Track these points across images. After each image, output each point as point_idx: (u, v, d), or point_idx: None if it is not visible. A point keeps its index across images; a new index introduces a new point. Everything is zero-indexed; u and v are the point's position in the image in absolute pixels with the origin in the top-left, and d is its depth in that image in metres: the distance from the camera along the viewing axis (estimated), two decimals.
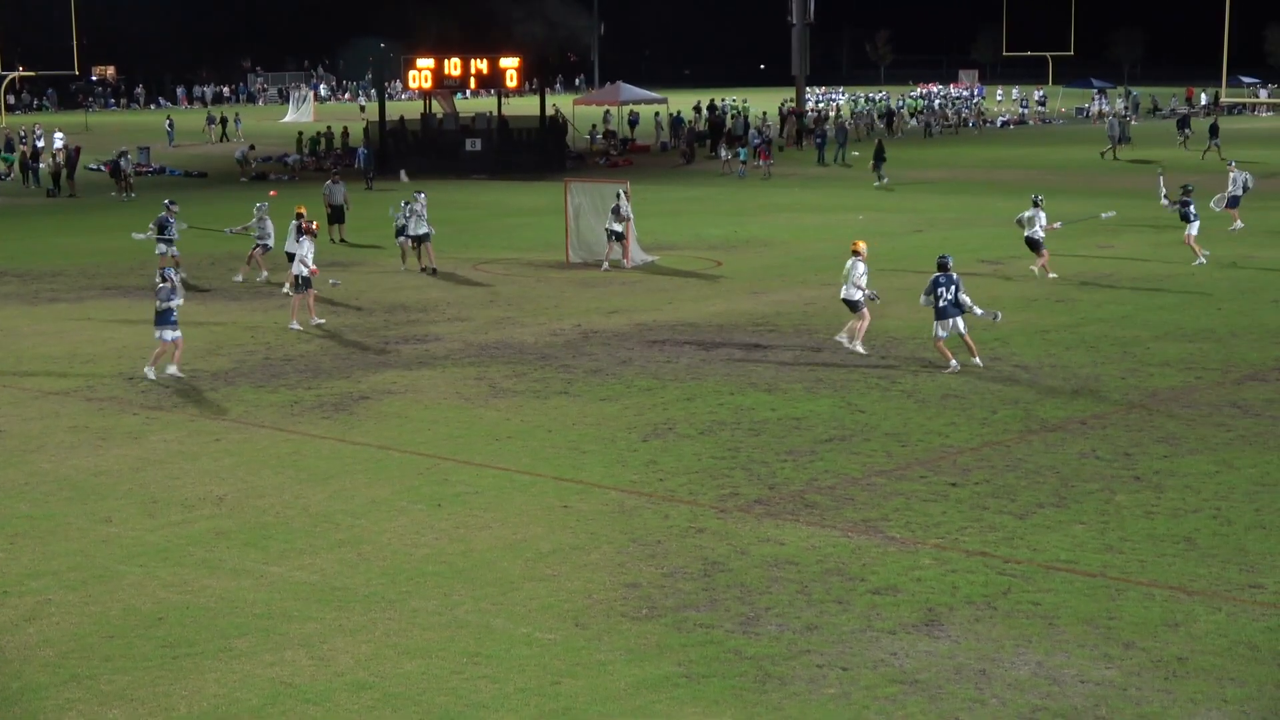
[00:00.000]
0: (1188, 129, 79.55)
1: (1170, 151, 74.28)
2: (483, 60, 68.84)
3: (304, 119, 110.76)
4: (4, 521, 18.07)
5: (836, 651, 13.88)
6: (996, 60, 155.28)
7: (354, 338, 29.39)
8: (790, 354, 27.28)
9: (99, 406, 23.99)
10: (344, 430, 22.29)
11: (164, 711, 12.83)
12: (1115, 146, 74.23)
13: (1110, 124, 78.37)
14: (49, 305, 34.00)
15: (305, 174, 71.27)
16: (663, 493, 18.97)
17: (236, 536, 17.43)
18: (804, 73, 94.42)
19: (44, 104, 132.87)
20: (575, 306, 32.65)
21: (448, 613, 14.98)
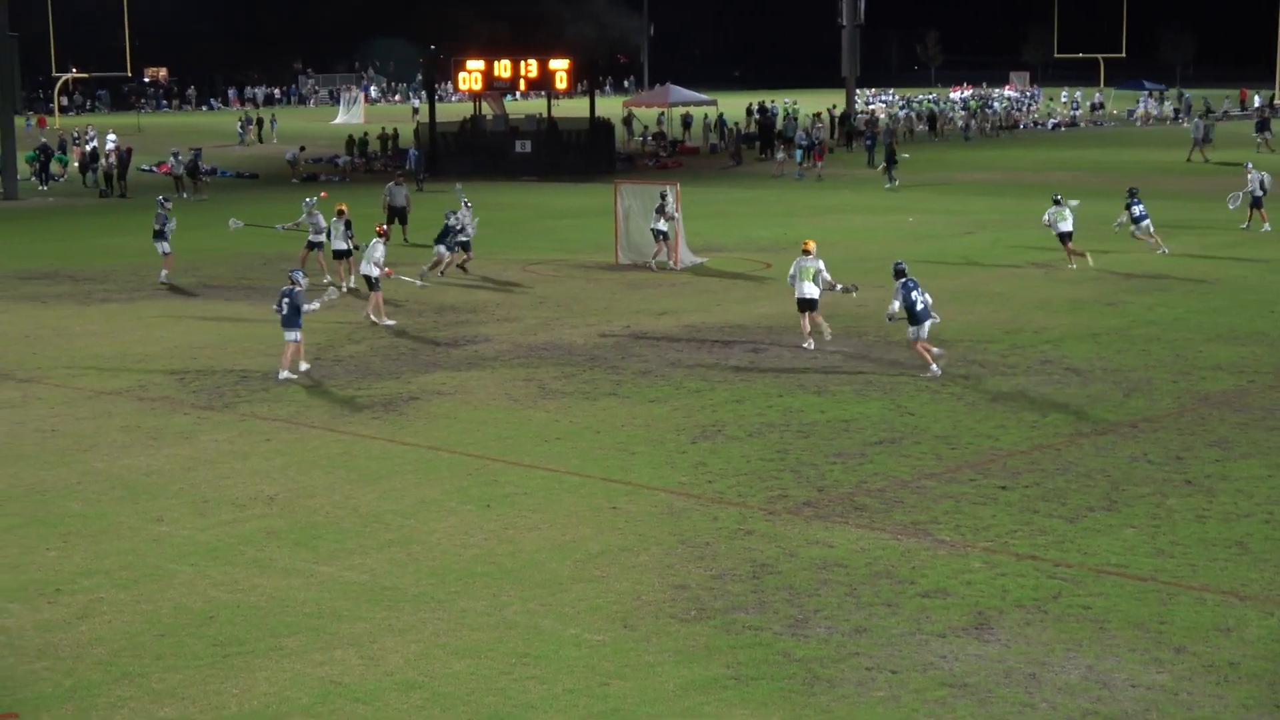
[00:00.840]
0: (1267, 131, 78.43)
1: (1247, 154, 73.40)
2: (532, 62, 68.90)
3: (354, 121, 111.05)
4: (57, 520, 18.19)
5: (885, 654, 13.85)
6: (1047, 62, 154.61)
7: (404, 339, 29.47)
8: (839, 356, 27.22)
9: (151, 406, 24.12)
10: (394, 431, 22.36)
11: (215, 710, 12.89)
12: (1199, 148, 73.22)
13: (1195, 126, 77.24)
14: (101, 305, 34.21)
15: (355, 175, 71.49)
16: (711, 494, 18.96)
17: (287, 536, 17.50)
18: (854, 74, 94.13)
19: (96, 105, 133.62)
20: (624, 308, 32.66)
21: (496, 613, 15.01)
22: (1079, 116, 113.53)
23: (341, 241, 35.76)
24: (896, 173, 62.52)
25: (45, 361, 27.69)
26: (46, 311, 33.41)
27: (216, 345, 28.99)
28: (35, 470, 20.42)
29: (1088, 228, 40.72)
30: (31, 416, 23.48)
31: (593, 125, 72.01)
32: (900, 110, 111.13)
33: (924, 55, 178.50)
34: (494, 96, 74.23)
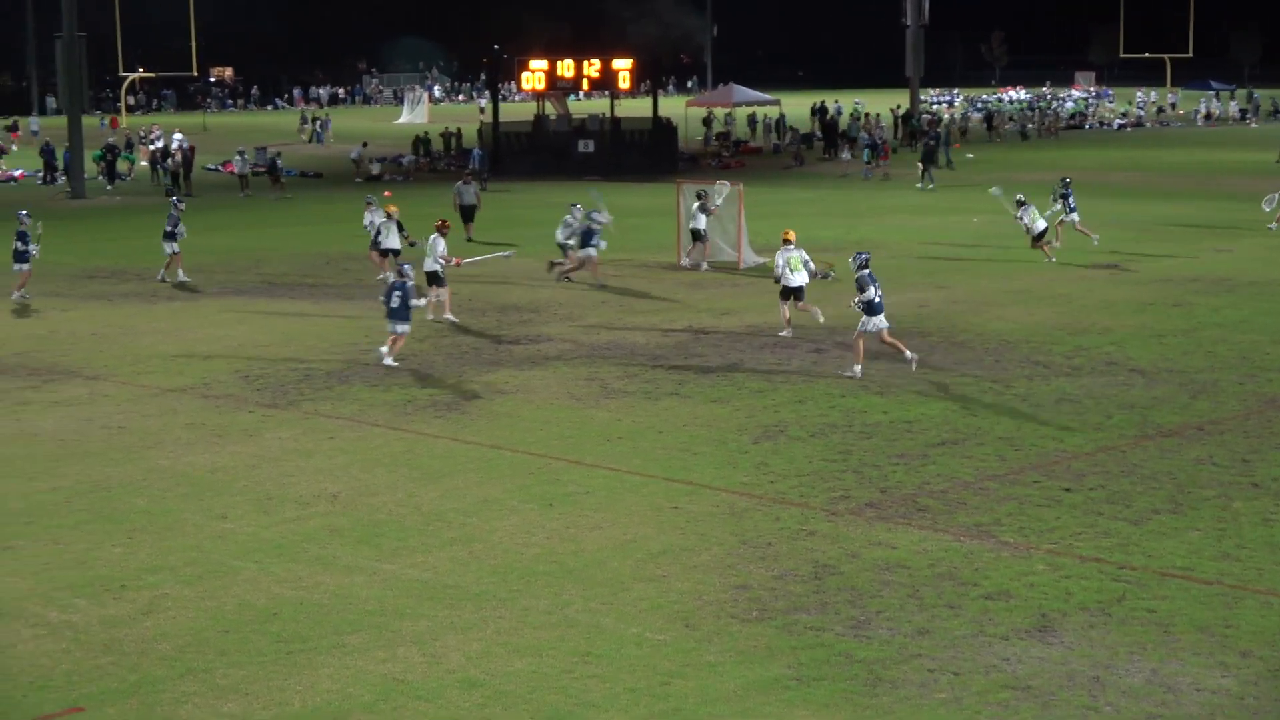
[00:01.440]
0: None
1: None
2: (595, 62, 68.98)
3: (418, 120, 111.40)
4: (122, 517, 18.33)
5: (948, 656, 13.79)
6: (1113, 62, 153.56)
7: (467, 337, 29.55)
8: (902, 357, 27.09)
9: (215, 404, 24.27)
10: (456, 429, 22.42)
11: (278, 705, 12.96)
12: None
13: None
14: (167, 304, 34.44)
15: (419, 175, 71.73)
16: (773, 495, 18.93)
17: (350, 533, 17.58)
18: (918, 75, 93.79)
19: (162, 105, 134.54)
20: (687, 307, 32.65)
21: (558, 612, 15.02)
22: (1144, 116, 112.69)
23: (394, 241, 36.07)
24: (934, 174, 62.66)
25: (112, 359, 27.90)
26: (113, 310, 33.67)
27: (280, 343, 29.14)
28: (102, 467, 20.57)
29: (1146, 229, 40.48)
30: (98, 413, 23.66)
31: (655, 125, 72.04)
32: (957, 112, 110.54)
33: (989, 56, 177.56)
34: (557, 96, 74.34)
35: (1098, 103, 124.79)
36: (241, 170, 64.38)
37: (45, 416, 23.50)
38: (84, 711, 12.90)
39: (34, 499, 19.11)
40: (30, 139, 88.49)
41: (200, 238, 47.09)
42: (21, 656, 14.05)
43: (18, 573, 16.34)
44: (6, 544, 17.31)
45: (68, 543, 17.35)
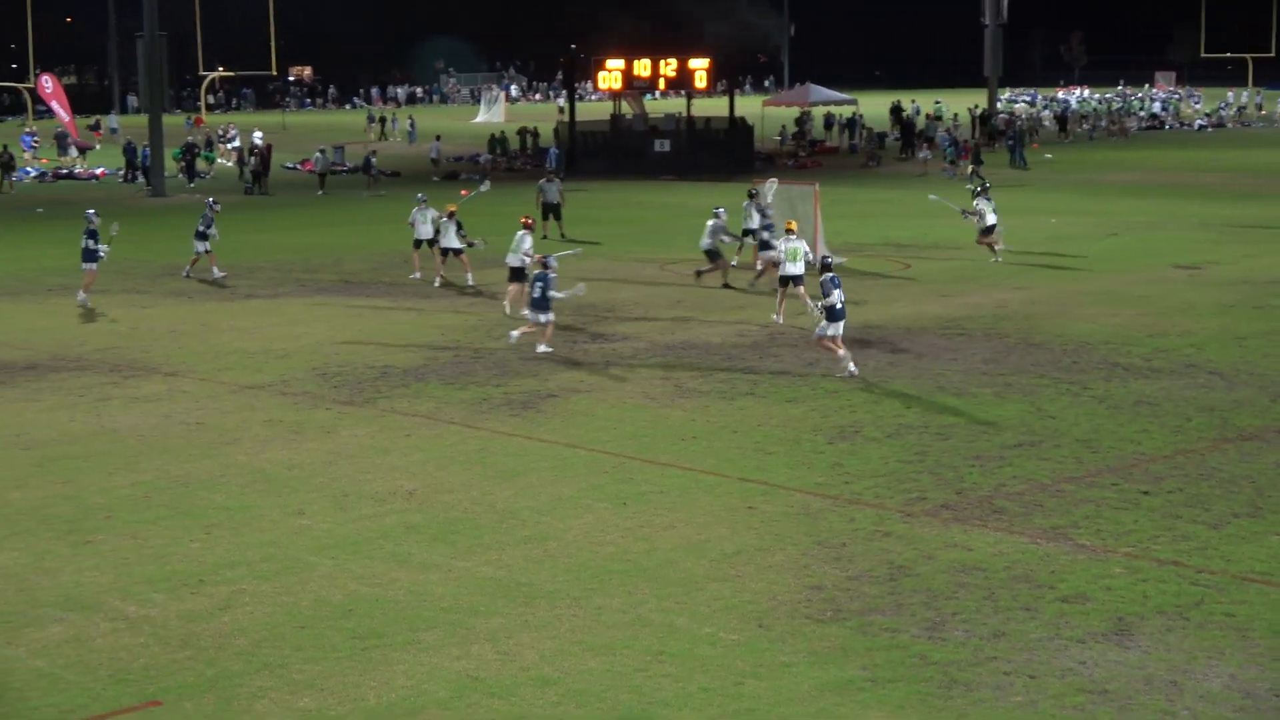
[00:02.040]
0: None
1: None
2: (671, 61, 68.96)
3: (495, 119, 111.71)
4: (201, 512, 18.47)
5: (1024, 659, 13.71)
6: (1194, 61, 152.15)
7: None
8: (979, 358, 26.99)
9: (293, 401, 24.43)
10: (531, 428, 22.47)
11: (353, 701, 13.02)
12: None
13: None
14: (245, 301, 34.69)
15: (496, 173, 71.93)
16: (848, 495, 18.88)
17: (425, 531, 17.65)
18: (996, 74, 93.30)
19: (241, 104, 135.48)
20: (762, 307, 32.57)
21: (632, 611, 15.03)
22: (1226, 117, 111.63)
23: (452, 240, 36.17)
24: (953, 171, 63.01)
25: (191, 356, 28.13)
26: (192, 307, 33.94)
27: (358, 341, 29.29)
28: (180, 463, 20.75)
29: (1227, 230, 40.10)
30: (177, 410, 23.86)
31: (732, 124, 71.95)
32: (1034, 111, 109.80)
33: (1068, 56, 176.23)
34: (633, 96, 74.38)
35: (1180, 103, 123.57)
36: (320, 169, 64.77)
37: (125, 412, 23.73)
38: (162, 705, 13.00)
39: (114, 494, 19.30)
40: (111, 137, 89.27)
41: (279, 236, 47.53)
42: (100, 650, 14.18)
43: (98, 567, 16.50)
44: (87, 538, 17.48)
45: (146, 537, 17.51)
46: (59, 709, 12.94)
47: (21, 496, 19.23)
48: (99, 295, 34.29)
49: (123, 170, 69.11)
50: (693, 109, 72.67)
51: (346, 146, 79.29)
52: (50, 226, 51.65)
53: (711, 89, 74.05)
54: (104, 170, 72.14)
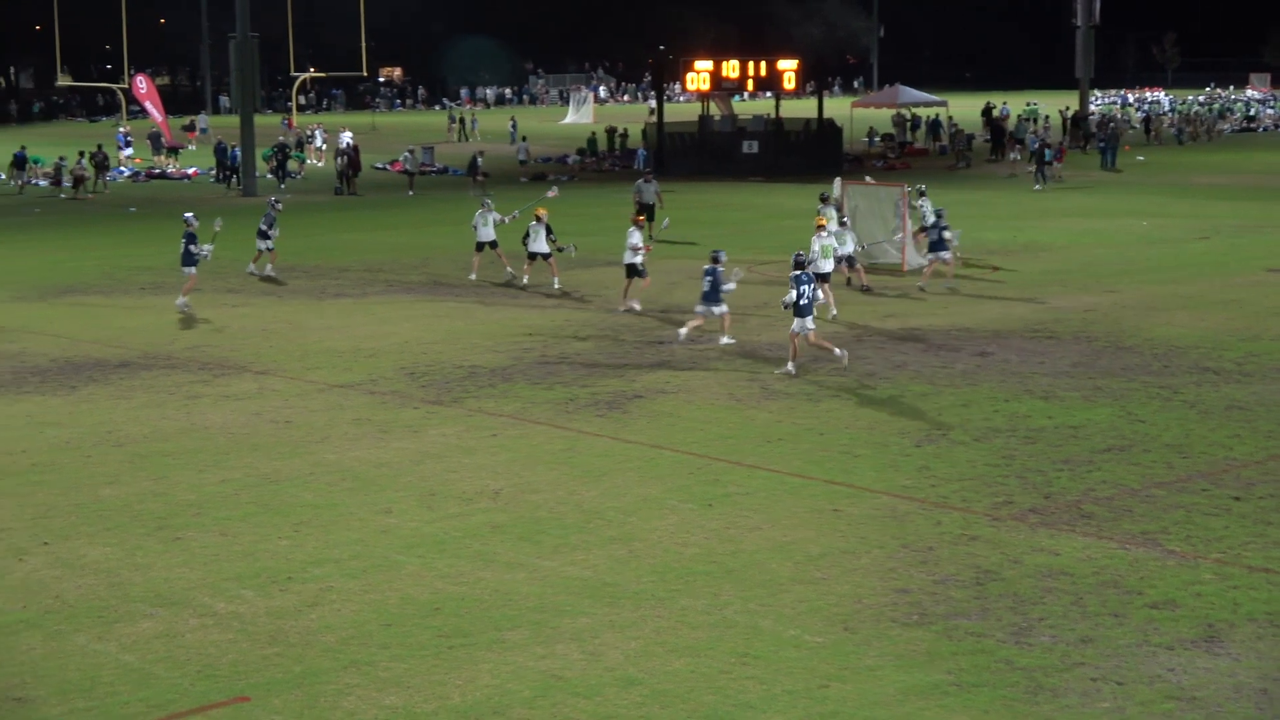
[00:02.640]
0: None
1: None
2: (760, 63, 68.87)
3: (584, 120, 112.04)
4: (289, 510, 18.61)
5: (1111, 665, 13.60)
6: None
7: (629, 336, 29.64)
8: (1068, 361, 26.80)
9: (381, 400, 24.56)
10: (617, 428, 22.50)
11: (438, 699, 13.07)
12: None
13: None
14: (334, 300, 34.91)
15: (584, 174, 72.07)
16: (935, 499, 18.79)
17: (511, 530, 17.70)
18: (1087, 76, 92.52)
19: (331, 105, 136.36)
20: (850, 309, 32.46)
21: (716, 612, 15.02)
22: None
23: (542, 245, 36.04)
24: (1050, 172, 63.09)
25: (280, 355, 28.35)
26: (282, 306, 34.20)
27: (446, 341, 29.42)
28: (270, 460, 20.91)
29: None
30: (267, 408, 24.05)
31: (820, 126, 71.76)
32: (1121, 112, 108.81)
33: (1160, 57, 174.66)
34: (722, 97, 74.32)
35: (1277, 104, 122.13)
36: (410, 169, 65.11)
37: (215, 410, 23.95)
38: (250, 701, 13.09)
39: (204, 491, 19.48)
40: (203, 137, 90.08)
41: (368, 236, 47.78)
42: (190, 645, 14.31)
43: (188, 563, 16.66)
44: (177, 535, 17.65)
45: (236, 534, 17.66)
46: (148, 704, 13.06)
47: (113, 493, 19.45)
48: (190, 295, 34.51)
49: (214, 170, 69.68)
50: (781, 110, 72.54)
51: (436, 147, 79.65)
52: (143, 226, 52.21)
53: (800, 90, 73.92)
54: (196, 170, 72.82)
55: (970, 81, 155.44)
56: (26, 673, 13.72)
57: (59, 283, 38.15)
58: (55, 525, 18.07)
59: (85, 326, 31.65)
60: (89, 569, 16.49)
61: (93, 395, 25.13)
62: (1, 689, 13.37)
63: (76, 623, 14.93)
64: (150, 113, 79.80)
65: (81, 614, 15.16)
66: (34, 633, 14.69)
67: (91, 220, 54.54)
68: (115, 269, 40.50)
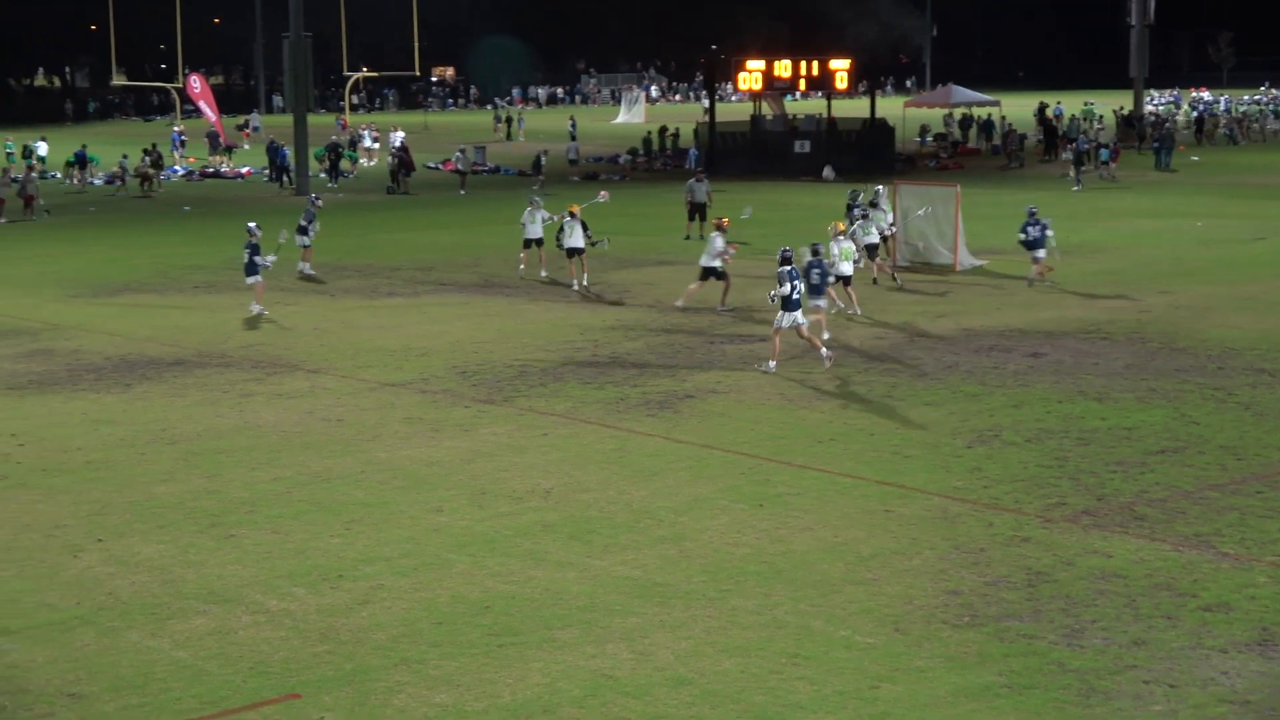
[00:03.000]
0: None
1: None
2: (812, 62, 68.71)
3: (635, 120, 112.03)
4: (340, 508, 18.68)
5: (1164, 668, 13.52)
6: None
7: (680, 337, 29.63)
8: (1121, 362, 26.66)
9: (432, 399, 24.62)
10: (668, 428, 22.49)
11: (489, 698, 13.09)
12: None
13: None
14: (386, 299, 35.01)
15: (635, 174, 72.07)
16: (987, 500, 18.71)
17: (561, 529, 17.72)
18: (1142, 75, 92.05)
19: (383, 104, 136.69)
20: (901, 309, 32.40)
21: (767, 612, 15.00)
22: None
23: (578, 240, 36.02)
24: (1106, 172, 63.39)
25: (332, 353, 28.45)
26: (334, 304, 34.33)
27: (497, 340, 29.48)
28: (321, 459, 20.99)
29: None
30: (319, 406, 24.15)
31: (872, 125, 71.57)
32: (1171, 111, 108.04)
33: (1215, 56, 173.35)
34: (773, 96, 74.21)
35: None
36: (462, 168, 65.24)
37: (268, 408, 24.05)
38: (301, 698, 13.15)
39: (256, 489, 19.57)
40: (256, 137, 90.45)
41: (420, 235, 47.89)
42: (242, 642, 14.38)
43: (240, 560, 16.74)
44: (230, 532, 17.74)
45: (288, 532, 17.73)
46: (200, 700, 13.13)
47: (167, 490, 19.56)
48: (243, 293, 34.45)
49: (267, 169, 69.96)
50: (833, 110, 72.35)
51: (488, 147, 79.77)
52: (197, 225, 52.47)
53: (852, 90, 73.69)
54: (249, 169, 73.11)
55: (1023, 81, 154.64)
56: (80, 669, 13.82)
57: (114, 281, 38.40)
58: (110, 522, 18.19)
59: (140, 325, 31.86)
60: (143, 566, 16.60)
61: (147, 393, 25.28)
62: (56, 685, 13.47)
63: (130, 619, 15.03)
64: (204, 112, 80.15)
65: (135, 611, 15.26)
66: (88, 629, 14.79)
67: (146, 219, 54.84)
68: (170, 268, 40.74)
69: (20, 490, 19.65)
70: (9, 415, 23.84)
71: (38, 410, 24.20)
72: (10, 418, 23.66)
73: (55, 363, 27.82)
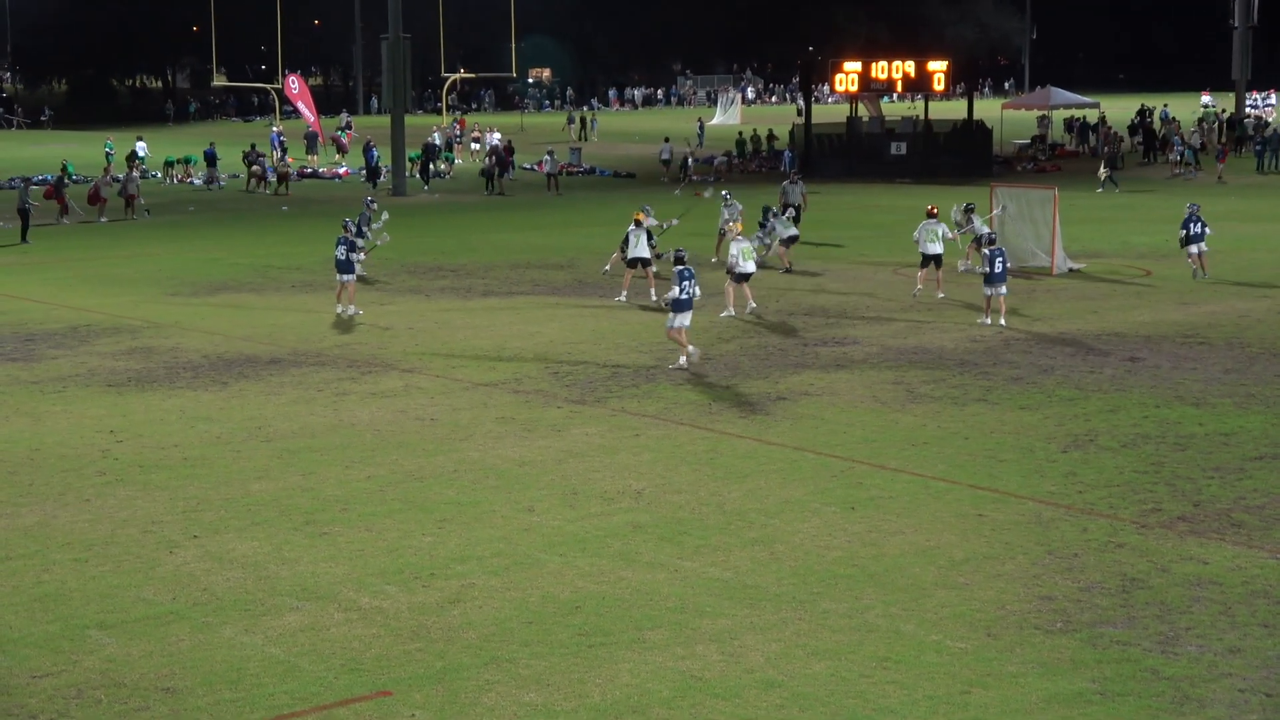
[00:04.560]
0: None
1: None
2: (909, 63, 68.33)
3: (731, 121, 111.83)
4: (433, 507, 18.76)
5: (1260, 677, 13.36)
6: None
7: (774, 339, 29.56)
8: (1220, 367, 26.36)
9: (525, 398, 24.69)
10: (760, 430, 22.44)
11: (578, 697, 13.13)
12: None
13: None
14: (481, 300, 35.12)
15: (730, 175, 71.93)
16: (1081, 505, 18.55)
17: (652, 530, 17.72)
18: (1245, 77, 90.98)
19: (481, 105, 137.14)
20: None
21: (858, 616, 14.94)
22: None
23: (643, 250, 34.26)
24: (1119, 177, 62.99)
25: (426, 353, 28.57)
26: (429, 304, 34.48)
27: (590, 341, 29.51)
28: (414, 458, 21.09)
29: None
30: (412, 406, 24.26)
31: (970, 127, 71.11)
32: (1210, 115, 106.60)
33: None
34: (870, 98, 73.88)
35: None
36: (550, 170, 65.32)
37: (363, 407, 24.20)
38: (392, 695, 13.23)
39: (350, 487, 19.69)
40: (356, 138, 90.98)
41: (515, 236, 48.00)
42: (334, 639, 14.48)
43: (333, 558, 16.85)
44: (324, 530, 17.87)
45: (380, 530, 17.84)
46: (293, 696, 13.25)
47: (262, 487, 19.72)
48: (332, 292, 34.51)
49: (364, 170, 70.34)
50: (930, 111, 71.94)
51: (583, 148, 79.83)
52: (295, 225, 52.85)
53: (950, 91, 73.23)
54: (347, 170, 73.53)
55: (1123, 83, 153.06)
56: (175, 663, 13.97)
57: (212, 280, 38.75)
58: (205, 519, 18.36)
59: (237, 323, 32.13)
60: (237, 562, 16.74)
61: (243, 391, 25.50)
62: (151, 679, 13.62)
63: (224, 615, 15.17)
64: (303, 113, 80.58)
65: (229, 606, 15.40)
66: (182, 624, 14.95)
67: (245, 219, 55.32)
68: (267, 267, 41.07)
69: (118, 486, 19.86)
70: (108, 412, 24.11)
71: (136, 407, 24.45)
72: (109, 414, 23.92)
73: (154, 360, 28.12)
